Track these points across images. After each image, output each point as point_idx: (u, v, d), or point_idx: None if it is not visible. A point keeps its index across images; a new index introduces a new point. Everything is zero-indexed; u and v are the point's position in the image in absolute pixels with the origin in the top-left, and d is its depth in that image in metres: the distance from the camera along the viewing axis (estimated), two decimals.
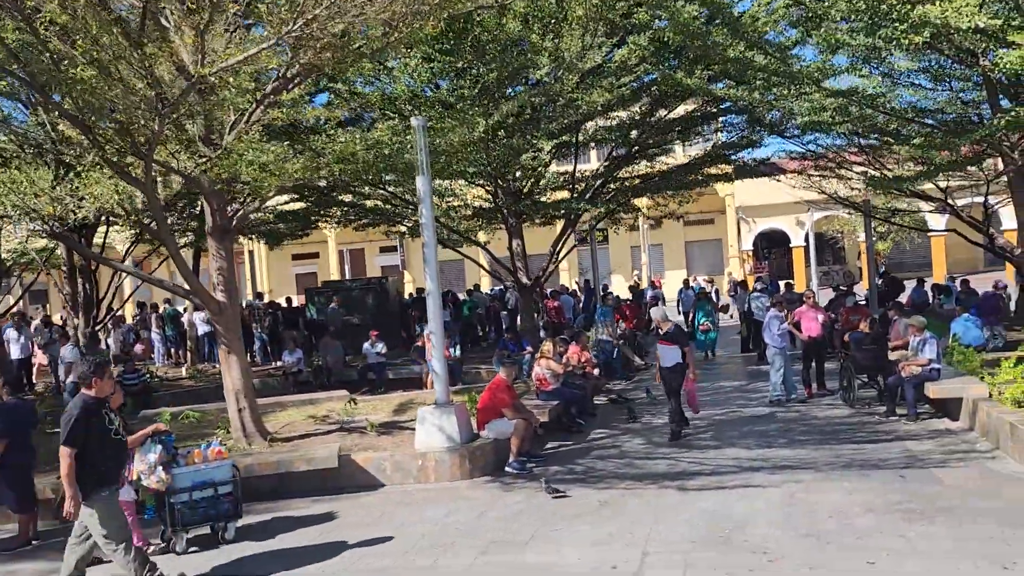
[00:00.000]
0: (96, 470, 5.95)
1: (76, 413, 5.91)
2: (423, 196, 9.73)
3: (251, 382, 10.64)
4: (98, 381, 6.10)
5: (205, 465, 7.81)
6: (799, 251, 37.67)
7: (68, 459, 5.81)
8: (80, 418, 5.89)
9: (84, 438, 5.88)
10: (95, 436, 5.95)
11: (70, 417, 5.90)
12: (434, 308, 9.98)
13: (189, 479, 7.68)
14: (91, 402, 6.05)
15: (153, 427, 7.81)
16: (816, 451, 9.62)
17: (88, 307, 18.12)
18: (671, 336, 10.79)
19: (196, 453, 7.89)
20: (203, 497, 7.72)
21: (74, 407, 5.98)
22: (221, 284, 10.12)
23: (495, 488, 9.00)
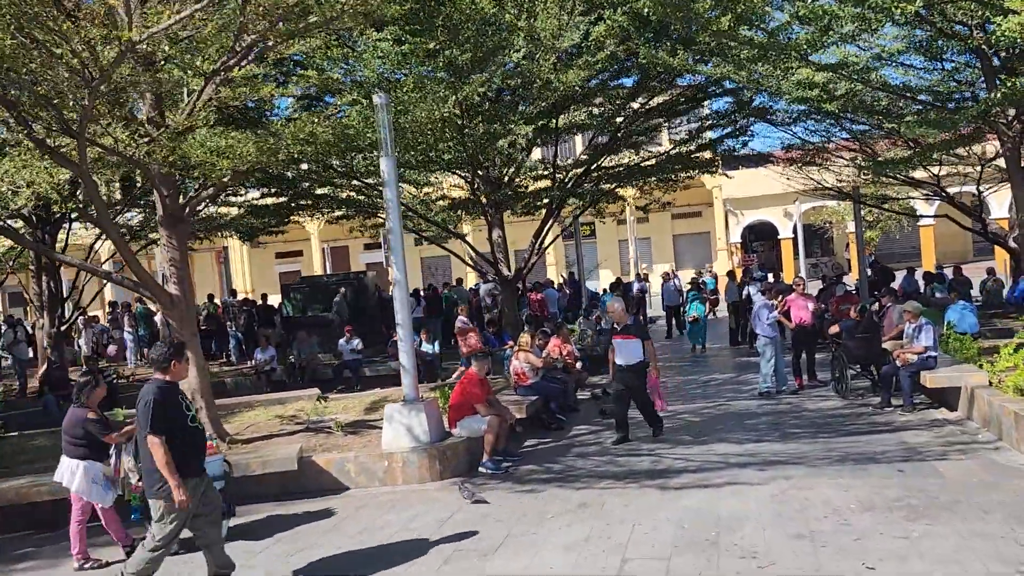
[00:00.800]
0: (181, 458, 5.48)
1: (152, 398, 5.43)
2: (387, 178, 9.12)
3: (208, 380, 10.02)
4: (176, 364, 5.63)
5: None
6: (787, 243, 37.23)
7: (161, 447, 5.36)
8: (158, 402, 5.42)
9: (163, 422, 5.44)
10: (174, 423, 5.50)
11: (147, 403, 5.42)
12: (400, 298, 9.37)
13: None
14: (166, 387, 5.59)
15: None
16: (808, 445, 9.07)
17: (53, 306, 17.47)
18: (631, 329, 9.82)
19: None
20: None
21: (148, 392, 5.48)
22: (173, 276, 9.49)
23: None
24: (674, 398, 12.55)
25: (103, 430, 7.09)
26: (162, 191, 9.13)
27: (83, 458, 7.06)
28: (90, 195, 7.58)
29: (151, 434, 5.37)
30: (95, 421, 7.09)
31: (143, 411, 5.44)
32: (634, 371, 9.67)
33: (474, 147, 13.27)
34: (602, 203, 18.88)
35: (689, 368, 15.75)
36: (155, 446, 5.37)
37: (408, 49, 11.80)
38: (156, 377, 5.65)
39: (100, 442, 7.09)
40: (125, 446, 7.07)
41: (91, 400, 7.21)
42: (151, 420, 5.38)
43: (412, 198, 17.86)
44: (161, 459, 5.36)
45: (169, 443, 5.41)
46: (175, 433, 5.45)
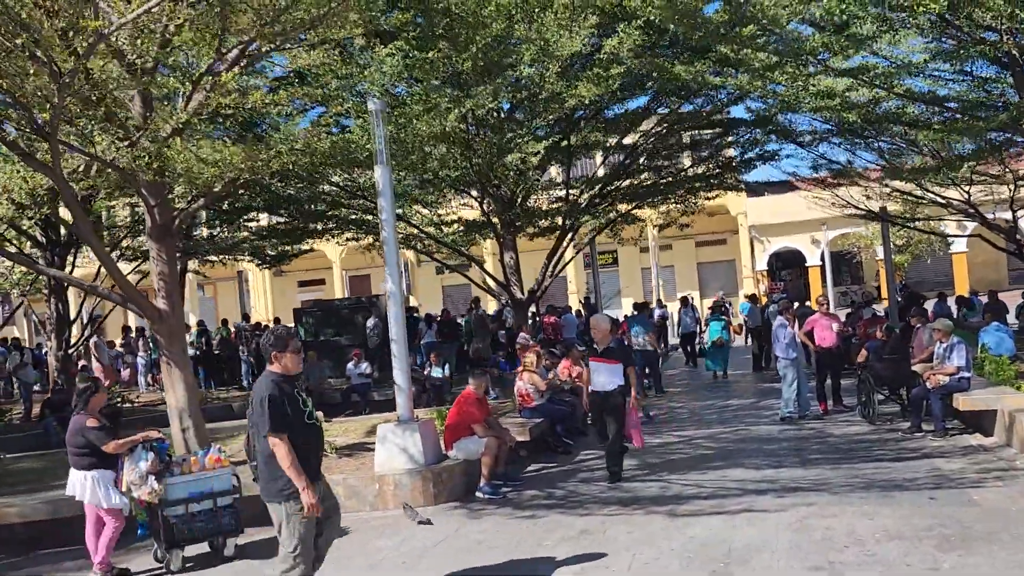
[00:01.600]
0: (300, 461, 4.83)
1: (268, 393, 4.83)
2: (382, 187, 8.71)
3: (197, 399, 9.59)
4: (279, 355, 4.97)
5: (203, 474, 6.93)
6: (815, 271, 36.41)
7: (284, 446, 4.75)
8: (275, 397, 4.82)
9: (283, 420, 4.82)
10: (292, 421, 4.88)
11: (263, 399, 4.83)
12: (394, 314, 8.91)
13: (185, 490, 6.81)
14: (281, 380, 4.95)
15: (143, 433, 6.94)
16: (832, 471, 8.42)
17: (61, 329, 17.25)
18: (614, 352, 8.65)
19: (193, 461, 7.02)
20: (201, 510, 6.84)
21: (263, 387, 4.90)
22: (162, 290, 9.11)
23: (461, 515, 7.85)
24: (689, 423, 11.95)
25: (104, 438, 6.68)
26: (149, 201, 8.79)
27: (90, 468, 6.69)
28: (66, 201, 7.24)
29: (272, 433, 4.76)
30: (96, 429, 6.70)
31: (259, 409, 4.83)
32: (611, 397, 8.52)
33: (482, 163, 12.86)
34: (620, 225, 18.34)
35: (707, 393, 15.10)
36: (277, 446, 4.75)
37: (412, 62, 11.44)
38: (269, 370, 5.02)
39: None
40: (129, 457, 6.69)
41: (91, 406, 6.85)
42: (270, 418, 4.77)
43: (424, 220, 17.46)
44: (285, 459, 4.74)
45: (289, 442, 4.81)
46: (293, 431, 4.84)
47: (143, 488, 6.64)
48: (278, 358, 4.98)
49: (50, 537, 7.76)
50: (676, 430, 11.47)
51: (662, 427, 11.77)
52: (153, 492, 6.64)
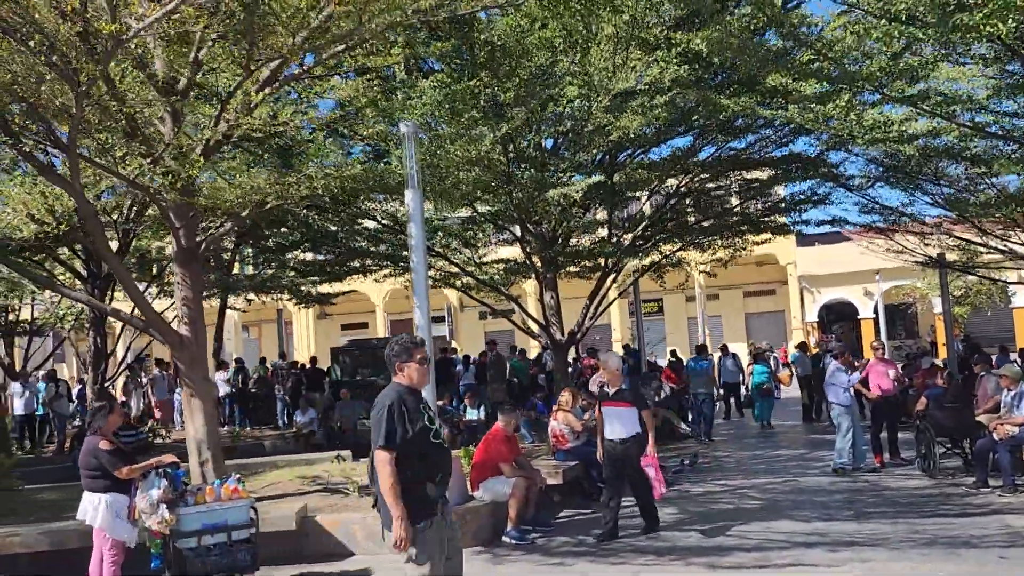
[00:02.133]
0: (416, 487, 4.22)
1: (389, 403, 4.31)
2: (412, 212, 8.39)
3: (217, 431, 9.26)
4: (403, 365, 4.43)
5: (218, 505, 6.56)
6: (868, 323, 35.25)
7: (388, 466, 4.16)
8: (394, 409, 4.27)
9: (401, 439, 4.25)
10: (414, 439, 4.26)
11: (382, 409, 4.30)
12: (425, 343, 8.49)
13: (198, 521, 6.44)
14: (405, 392, 4.40)
15: (158, 458, 6.63)
16: (889, 526, 7.71)
17: (98, 362, 17.22)
18: (625, 395, 7.90)
19: (208, 490, 6.66)
20: (215, 543, 6.43)
21: (386, 397, 4.37)
22: (185, 316, 8.85)
23: (484, 560, 7.32)
24: (734, 473, 11.26)
25: (117, 462, 6.34)
26: (175, 224, 8.59)
27: (104, 491, 6.36)
28: (84, 216, 7.05)
29: (381, 448, 4.20)
30: (108, 452, 6.37)
31: (375, 419, 4.30)
32: (627, 446, 7.80)
33: (522, 197, 12.52)
34: (665, 268, 17.80)
35: (754, 443, 14.35)
36: (381, 464, 4.17)
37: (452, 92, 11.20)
38: (394, 382, 4.48)
39: None
40: (142, 483, 6.35)
41: (105, 428, 6.53)
42: (384, 429, 4.21)
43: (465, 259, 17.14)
44: (386, 480, 4.13)
45: (405, 463, 4.21)
46: (413, 451, 4.24)
47: (153, 517, 6.29)
48: (402, 368, 4.43)
49: (58, 569, 7.42)
50: (720, 479, 10.80)
51: (706, 476, 11.10)
52: (164, 522, 6.29)
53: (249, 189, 8.09)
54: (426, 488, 4.24)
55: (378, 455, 4.22)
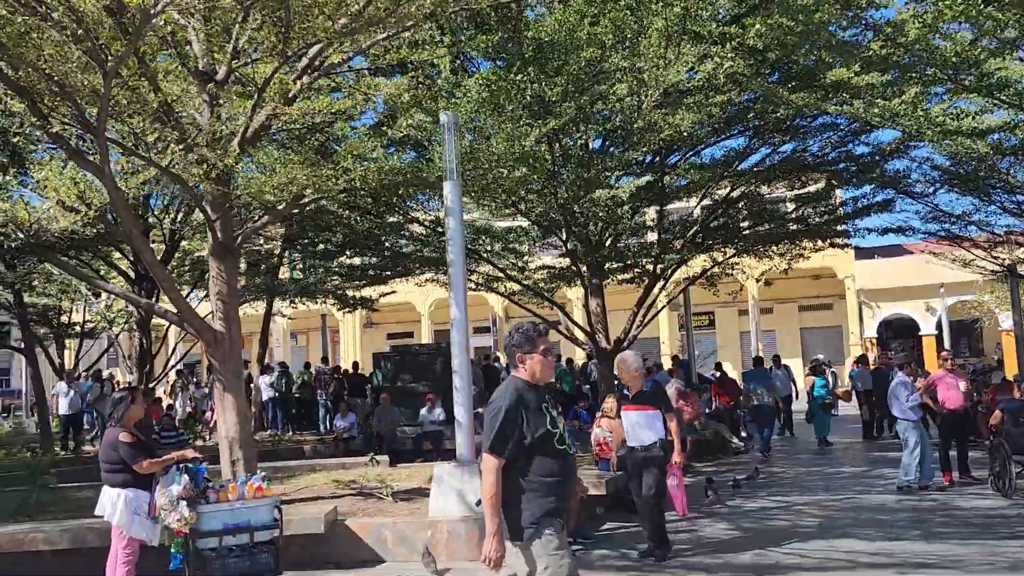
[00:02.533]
0: (537, 493, 3.75)
1: (507, 404, 3.79)
2: (451, 204, 8.04)
3: (250, 430, 8.98)
4: (525, 357, 3.91)
5: (241, 504, 6.24)
6: (929, 340, 33.93)
7: (492, 474, 3.73)
8: (511, 410, 3.77)
9: (517, 443, 3.77)
10: (534, 444, 3.78)
11: (497, 408, 3.82)
12: (458, 342, 8.13)
13: (220, 520, 6.13)
14: (524, 388, 3.89)
15: (180, 452, 6.39)
16: (963, 547, 7.07)
17: (143, 363, 17.23)
18: (647, 398, 7.23)
19: (231, 488, 6.35)
20: (236, 544, 6.12)
21: (503, 395, 3.86)
22: (220, 311, 8.61)
23: None
24: (791, 489, 10.64)
25: (137, 455, 6.07)
26: (210, 216, 8.36)
27: (124, 485, 6.08)
28: (115, 204, 6.83)
29: (489, 452, 3.75)
30: (129, 444, 6.10)
31: (487, 418, 3.84)
32: (649, 455, 7.13)
33: (568, 197, 12.10)
34: (717, 273, 17.18)
35: (811, 459, 13.65)
36: (486, 470, 3.73)
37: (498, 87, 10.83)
38: (513, 376, 3.95)
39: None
40: (162, 478, 6.09)
41: (127, 419, 6.26)
42: (494, 433, 3.74)
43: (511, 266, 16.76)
44: (487, 489, 3.71)
45: (522, 470, 3.75)
46: (532, 456, 3.77)
47: (172, 515, 5.99)
48: (523, 361, 3.93)
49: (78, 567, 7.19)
50: (776, 495, 10.20)
51: (759, 491, 10.51)
52: (183, 520, 5.98)
53: (286, 181, 7.81)
54: (550, 496, 3.75)
55: (484, 459, 3.77)
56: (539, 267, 18.00)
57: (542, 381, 3.94)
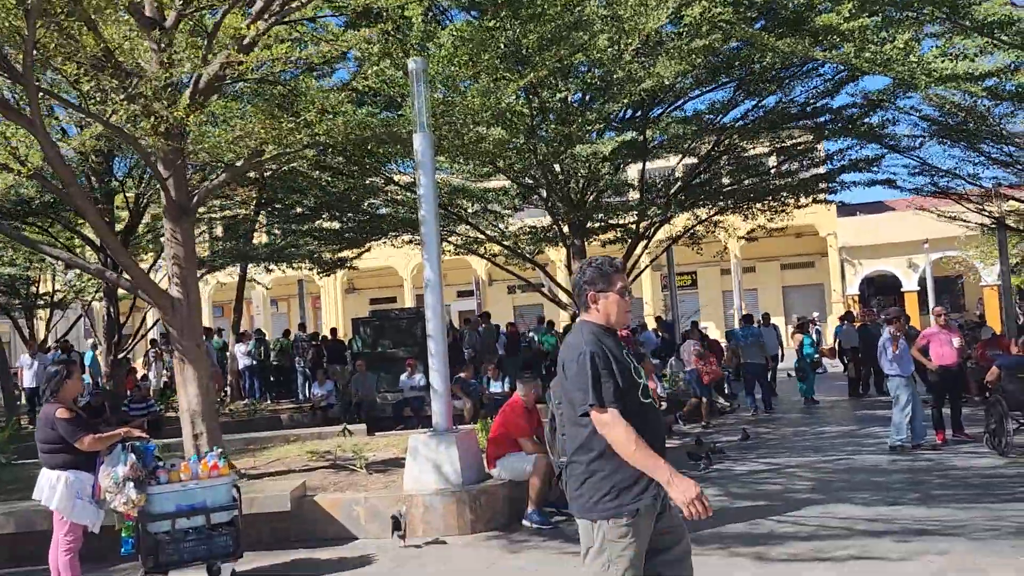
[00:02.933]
0: (621, 463, 3.14)
1: (590, 350, 3.13)
2: (421, 158, 7.51)
3: (213, 401, 8.52)
4: (599, 296, 3.27)
5: (195, 484, 5.78)
6: (912, 296, 33.85)
7: (618, 426, 3.05)
8: (599, 355, 3.13)
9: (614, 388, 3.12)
10: (624, 394, 3.14)
11: (580, 357, 3.13)
12: (432, 305, 7.67)
13: (172, 502, 5.69)
14: (601, 333, 3.25)
15: (126, 428, 5.87)
16: (965, 511, 6.74)
17: (111, 333, 16.65)
18: None
19: (183, 467, 5.86)
20: (192, 527, 5.67)
21: (580, 342, 3.18)
22: (176, 276, 8.07)
23: (499, 547, 6.49)
24: (779, 450, 10.32)
25: (76, 432, 5.49)
26: (161, 174, 7.79)
27: (64, 467, 5.52)
28: (51, 162, 6.26)
29: (598, 408, 3.07)
30: (67, 420, 5.52)
31: (574, 373, 3.13)
32: None
33: (547, 153, 11.59)
34: (700, 231, 16.78)
35: (798, 419, 13.34)
36: (608, 426, 3.05)
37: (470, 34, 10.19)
38: (584, 320, 3.31)
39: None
40: (106, 458, 5.59)
41: (63, 395, 5.66)
42: (593, 384, 3.07)
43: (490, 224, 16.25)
44: (627, 442, 3.01)
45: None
46: (629, 410, 3.12)
47: (119, 497, 5.52)
48: (597, 300, 3.28)
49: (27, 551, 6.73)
50: (765, 457, 9.87)
51: (748, 453, 10.18)
52: (130, 503, 5.51)
53: (242, 134, 7.24)
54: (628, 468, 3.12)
55: (597, 417, 3.07)
56: (520, 228, 17.53)
57: (618, 326, 3.31)
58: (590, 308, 3.29)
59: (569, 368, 3.18)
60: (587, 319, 3.29)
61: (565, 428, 3.27)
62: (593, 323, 3.27)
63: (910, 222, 27.26)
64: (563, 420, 3.30)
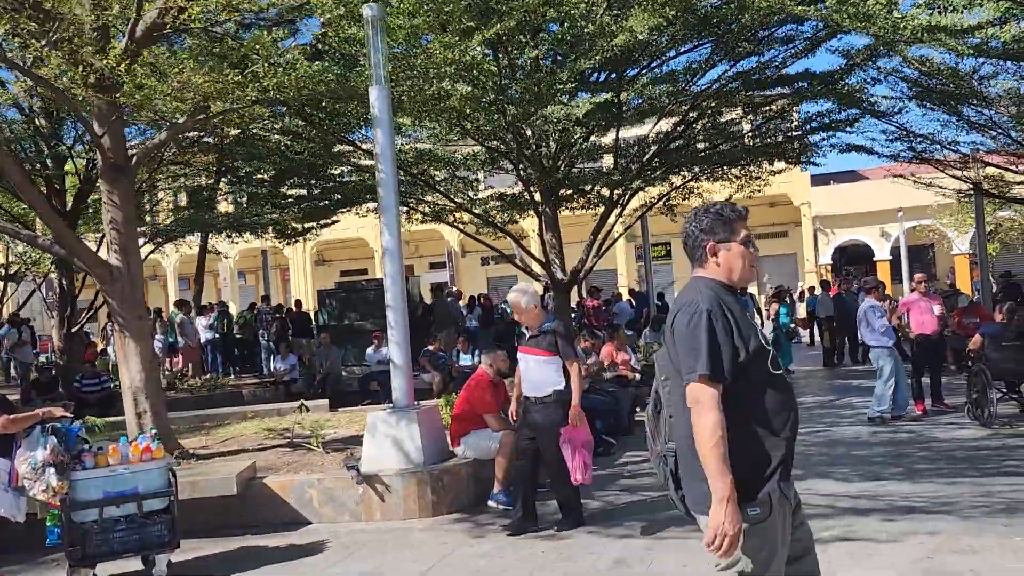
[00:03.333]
0: (751, 446, 2.62)
1: (706, 306, 2.63)
2: (378, 113, 6.97)
3: (158, 377, 7.99)
4: (719, 247, 2.78)
5: (125, 468, 5.24)
6: (884, 265, 33.84)
7: (713, 410, 2.53)
8: (715, 318, 2.62)
9: (732, 361, 2.62)
10: (748, 365, 2.64)
11: (696, 316, 2.62)
12: (392, 272, 7.17)
13: (99, 488, 5.16)
14: (722, 291, 2.75)
15: (46, 409, 5.35)
16: (952, 487, 6.41)
17: (63, 306, 15.96)
18: (542, 342, 5.92)
19: (112, 450, 5.31)
20: (122, 515, 5.16)
21: (696, 299, 2.67)
22: (115, 242, 7.50)
23: (462, 531, 6.07)
24: None
25: None
26: (95, 130, 7.18)
27: None
28: None
29: (706, 379, 2.55)
30: None
31: (689, 335, 2.61)
32: (547, 408, 5.89)
33: (517, 113, 11.03)
34: (674, 199, 16.33)
35: None
36: (701, 405, 2.54)
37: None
38: (700, 276, 2.81)
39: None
40: (24, 441, 5.06)
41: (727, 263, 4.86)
42: (705, 350, 2.56)
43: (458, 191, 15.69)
44: (709, 434, 2.51)
45: (734, 405, 2.58)
46: (746, 386, 2.62)
47: (38, 484, 5.01)
48: (716, 252, 2.79)
49: None
50: None
51: None
52: (51, 490, 5.01)
53: (180, 86, 6.64)
54: (766, 446, 2.62)
55: (695, 392, 2.56)
56: (491, 195, 17.00)
57: (742, 283, 2.85)
58: (708, 261, 2.79)
59: (679, 331, 2.64)
60: (703, 275, 2.79)
61: (673, 407, 2.74)
62: (711, 279, 2.76)
63: (884, 191, 27.12)
64: (670, 398, 2.76)
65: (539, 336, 5.96)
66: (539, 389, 5.92)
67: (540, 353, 5.92)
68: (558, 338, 5.93)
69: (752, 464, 2.59)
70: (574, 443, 5.78)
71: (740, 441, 2.57)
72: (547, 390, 5.89)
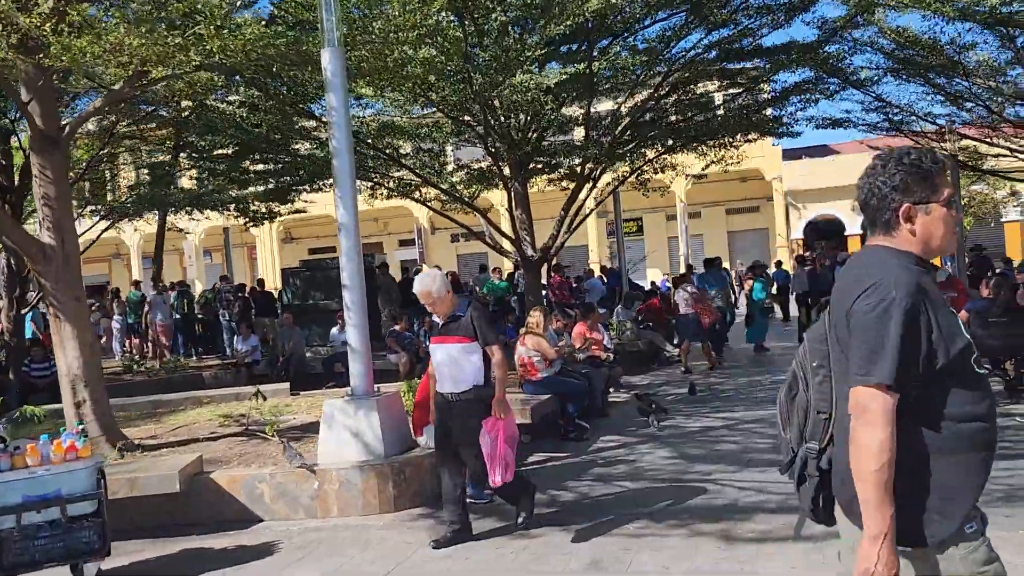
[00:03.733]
0: (955, 458, 2.12)
1: (901, 296, 2.05)
2: (330, 76, 6.44)
3: (98, 364, 7.44)
4: (911, 211, 2.18)
5: (45, 470, 4.71)
6: (855, 240, 33.85)
7: (885, 425, 2.02)
8: (914, 310, 2.05)
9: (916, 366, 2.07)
10: (952, 368, 2.09)
11: (887, 303, 2.05)
12: (347, 247, 6.68)
13: (17, 492, 4.63)
14: (920, 272, 2.15)
15: None
16: None
17: (12, 287, 15.23)
18: (458, 328, 5.24)
19: (30, 449, 4.75)
20: (44, 521, 4.65)
21: (893, 283, 2.06)
22: (48, 219, 6.93)
23: (425, 528, 5.63)
24: (735, 403, 9.66)
25: None
26: (22, 98, 6.58)
27: None
28: None
29: (877, 383, 2.04)
30: None
31: (873, 326, 2.07)
32: (462, 405, 5.25)
33: (484, 82, 10.52)
34: (648, 174, 15.92)
35: (751, 368, 12.74)
36: (872, 415, 2.04)
37: None
38: (885, 247, 2.21)
39: None
40: None
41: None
42: (887, 346, 2.04)
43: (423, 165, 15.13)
44: (875, 454, 2.02)
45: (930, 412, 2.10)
46: (943, 390, 2.10)
47: None
48: (914, 216, 2.18)
49: None
50: (720, 411, 9.18)
51: (702, 406, 9.50)
52: None
53: (114, 48, 6.06)
54: (970, 463, 2.14)
55: (864, 398, 2.05)
56: (458, 168, 16.46)
57: (939, 254, 2.29)
58: (899, 228, 2.19)
59: (859, 318, 2.09)
60: (890, 245, 2.19)
61: (824, 401, 2.24)
62: (905, 251, 2.17)
63: (855, 165, 26.87)
64: (821, 389, 2.25)
65: (452, 322, 5.28)
66: (457, 384, 5.24)
67: (457, 340, 5.23)
68: (475, 321, 5.22)
69: (962, 484, 2.11)
70: (496, 437, 5.11)
71: (947, 454, 2.10)
72: (465, 384, 5.23)
